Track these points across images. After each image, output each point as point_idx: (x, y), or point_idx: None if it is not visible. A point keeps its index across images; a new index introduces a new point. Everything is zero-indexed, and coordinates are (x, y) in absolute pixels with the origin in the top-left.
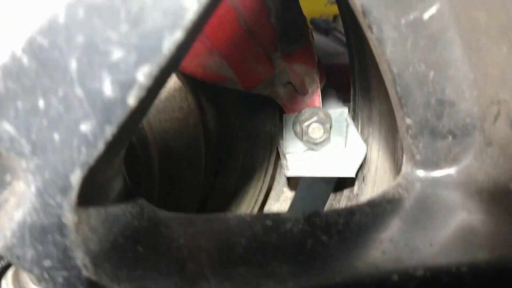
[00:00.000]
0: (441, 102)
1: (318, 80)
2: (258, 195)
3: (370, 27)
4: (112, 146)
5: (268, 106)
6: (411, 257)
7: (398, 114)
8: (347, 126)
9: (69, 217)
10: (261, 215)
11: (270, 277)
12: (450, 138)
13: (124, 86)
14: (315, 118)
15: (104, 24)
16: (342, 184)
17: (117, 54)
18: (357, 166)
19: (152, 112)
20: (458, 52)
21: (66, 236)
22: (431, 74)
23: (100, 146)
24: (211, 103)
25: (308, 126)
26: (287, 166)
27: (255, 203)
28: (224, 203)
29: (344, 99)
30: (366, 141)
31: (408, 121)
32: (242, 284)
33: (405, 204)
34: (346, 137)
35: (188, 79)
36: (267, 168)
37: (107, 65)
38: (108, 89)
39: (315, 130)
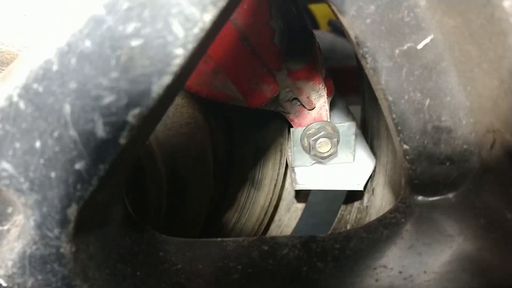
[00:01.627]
0: (438, 128)
1: (325, 95)
2: (268, 207)
3: (364, 57)
4: (106, 181)
5: (276, 119)
6: (404, 285)
7: (396, 140)
8: (355, 140)
9: (67, 247)
10: (258, 239)
11: None
12: (448, 163)
13: (116, 128)
14: (322, 133)
15: (96, 71)
16: (353, 196)
17: (108, 98)
18: (366, 179)
19: (160, 128)
20: (453, 81)
21: (64, 265)
22: (427, 101)
23: (94, 182)
24: (219, 118)
25: (316, 140)
26: (295, 179)
27: (265, 215)
28: (234, 215)
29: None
30: (375, 153)
31: (405, 147)
32: None
33: (402, 230)
34: (354, 150)
35: (195, 96)
36: (276, 180)
37: (99, 109)
38: (100, 130)
39: (323, 145)
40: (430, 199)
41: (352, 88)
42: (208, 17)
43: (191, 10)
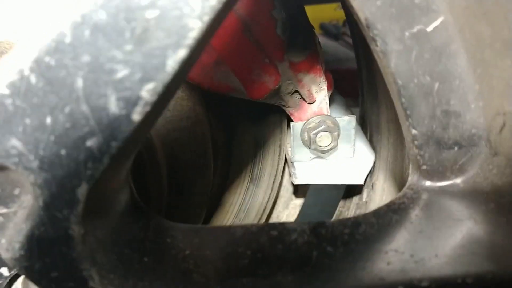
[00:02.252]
0: (447, 113)
1: (326, 89)
2: (267, 203)
3: (374, 40)
4: (117, 160)
5: (276, 114)
6: (416, 269)
7: (404, 125)
8: (355, 134)
9: (75, 229)
10: (267, 225)
11: None
12: (456, 148)
13: (129, 103)
14: (323, 127)
15: (109, 44)
16: (351, 191)
17: (122, 72)
18: (366, 174)
19: (160, 121)
20: (463, 64)
21: (72, 248)
22: (436, 85)
23: (106, 161)
24: (219, 112)
25: (316, 134)
26: (295, 174)
27: (263, 211)
28: (233, 210)
29: (355, 104)
30: (375, 148)
31: (414, 132)
32: None
33: (411, 215)
34: (354, 145)
35: (195, 89)
36: (275, 176)
37: (112, 83)
38: (113, 106)
39: (323, 138)
40: (438, 184)
41: (344, 90)
42: None
43: None
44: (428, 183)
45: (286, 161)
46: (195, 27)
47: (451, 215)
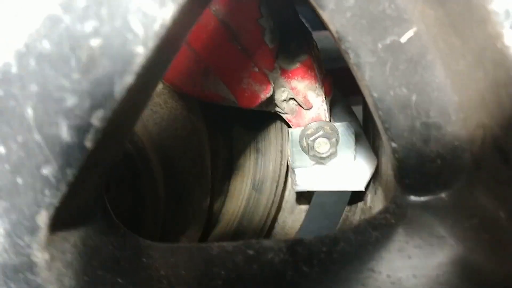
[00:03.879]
0: (427, 125)
1: (323, 94)
2: (271, 208)
3: (347, 53)
4: (76, 186)
5: (276, 120)
6: (393, 285)
7: (384, 138)
8: (355, 139)
9: (39, 256)
10: (244, 243)
11: None
12: (439, 161)
13: (80, 131)
14: (320, 133)
15: (56, 72)
16: (356, 196)
17: (71, 100)
18: (367, 179)
19: (155, 131)
20: (440, 74)
21: (37, 274)
22: (414, 97)
23: (63, 188)
24: (217, 119)
25: (314, 140)
26: (295, 181)
27: (267, 217)
28: (236, 217)
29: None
30: (377, 153)
31: (394, 145)
32: None
33: (391, 232)
34: (354, 150)
35: (190, 98)
36: (278, 182)
37: (62, 112)
38: (65, 134)
39: (321, 145)
40: (422, 198)
41: (354, 88)
42: (168, 12)
43: (149, 6)
44: (411, 197)
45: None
46: (140, 53)
47: (433, 232)
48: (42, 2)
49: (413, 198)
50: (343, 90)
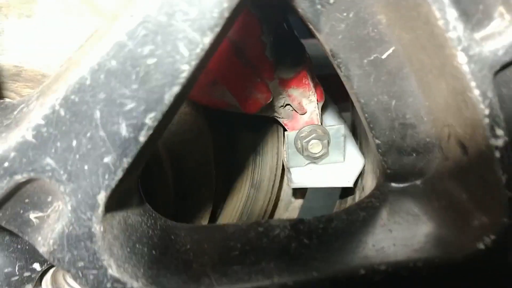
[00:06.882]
0: (404, 125)
1: (316, 100)
2: (267, 206)
3: (339, 67)
4: (129, 172)
5: (272, 124)
6: (376, 255)
7: (369, 136)
8: (344, 141)
9: (97, 228)
10: (255, 223)
11: (259, 273)
12: (414, 155)
13: (136, 128)
14: (313, 135)
15: (120, 84)
16: (346, 193)
17: (130, 105)
18: (355, 177)
19: (166, 134)
20: (414, 84)
21: (95, 242)
22: (393, 102)
23: (119, 173)
24: (220, 124)
25: (308, 142)
26: (291, 179)
27: (264, 213)
28: (235, 214)
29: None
30: (364, 153)
31: (377, 141)
32: (236, 279)
33: (376, 212)
34: (344, 151)
35: (198, 105)
36: (274, 181)
37: (122, 113)
38: (124, 130)
39: (314, 146)
40: (401, 185)
41: (341, 95)
42: (207, 40)
43: (193, 35)
44: (392, 184)
45: (284, 167)
46: (185, 69)
47: (410, 212)
48: (113, 31)
49: (393, 185)
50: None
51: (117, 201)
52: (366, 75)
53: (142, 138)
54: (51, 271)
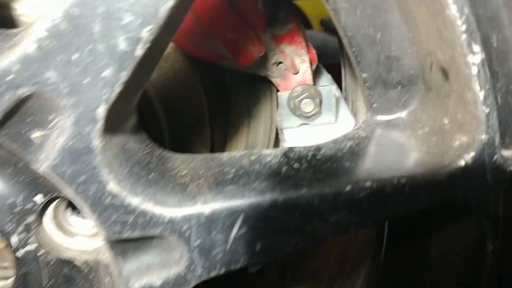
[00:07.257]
0: (389, 58)
1: (308, 60)
2: None
3: (327, 1)
4: (127, 87)
5: (265, 86)
6: (362, 174)
7: (356, 70)
8: (336, 102)
9: (96, 142)
10: (247, 152)
11: (252, 191)
12: (399, 87)
13: (133, 42)
14: (306, 94)
15: None
16: None
17: (127, 19)
18: None
19: (163, 91)
20: (397, 16)
21: (94, 157)
22: (379, 35)
23: (118, 87)
24: (214, 83)
25: (300, 101)
26: (284, 139)
27: None
28: None
29: None
30: (355, 115)
31: (364, 75)
32: (230, 196)
33: (362, 141)
34: (336, 111)
35: (192, 62)
36: (268, 143)
37: (120, 27)
38: (121, 44)
39: (307, 105)
40: (387, 118)
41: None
42: None
43: None
44: (378, 117)
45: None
46: None
47: (395, 141)
48: None
49: (379, 117)
50: None
51: (116, 119)
52: (353, 8)
53: (139, 52)
54: (52, 205)
